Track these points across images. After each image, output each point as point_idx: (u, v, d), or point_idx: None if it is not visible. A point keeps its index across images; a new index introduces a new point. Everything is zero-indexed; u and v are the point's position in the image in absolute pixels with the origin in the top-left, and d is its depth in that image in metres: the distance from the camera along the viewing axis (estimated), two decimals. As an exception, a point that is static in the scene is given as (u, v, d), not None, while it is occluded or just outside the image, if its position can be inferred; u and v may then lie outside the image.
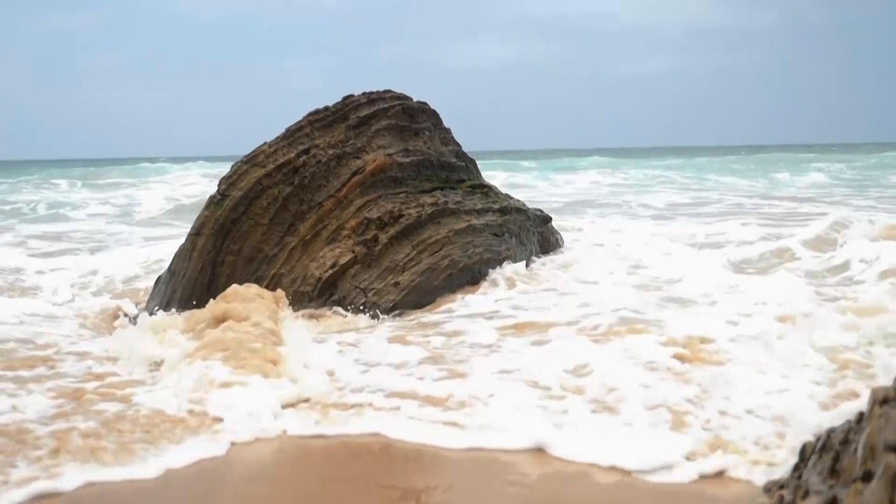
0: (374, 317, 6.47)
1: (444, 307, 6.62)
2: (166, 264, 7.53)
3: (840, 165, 34.29)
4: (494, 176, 28.66)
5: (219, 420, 4.10)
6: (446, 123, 8.46)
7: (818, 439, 2.40)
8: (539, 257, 8.24)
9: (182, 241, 7.32)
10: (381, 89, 8.18)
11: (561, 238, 9.19)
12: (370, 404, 4.29)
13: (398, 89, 8.17)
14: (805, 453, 2.57)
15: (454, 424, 3.94)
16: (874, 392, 2.21)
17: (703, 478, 3.24)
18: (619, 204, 18.03)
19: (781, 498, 2.53)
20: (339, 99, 7.82)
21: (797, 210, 14.66)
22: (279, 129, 7.58)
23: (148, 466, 3.56)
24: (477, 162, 8.76)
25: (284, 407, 4.32)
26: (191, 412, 4.20)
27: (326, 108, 7.72)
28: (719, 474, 3.26)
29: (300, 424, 4.12)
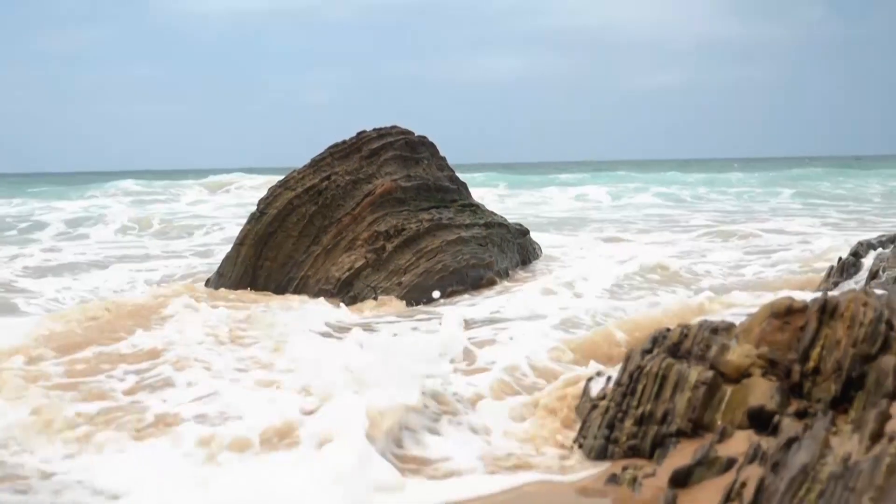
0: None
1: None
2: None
3: (841, 179, 35.84)
4: (497, 188, 30.51)
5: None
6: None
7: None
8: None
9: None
10: (388, 125, 9.97)
11: (540, 249, 10.93)
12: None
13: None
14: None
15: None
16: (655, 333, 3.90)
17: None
18: (608, 221, 19.69)
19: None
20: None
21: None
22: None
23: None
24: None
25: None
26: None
27: (344, 142, 9.51)
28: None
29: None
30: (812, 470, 2.08)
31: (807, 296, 3.54)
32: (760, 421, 2.79)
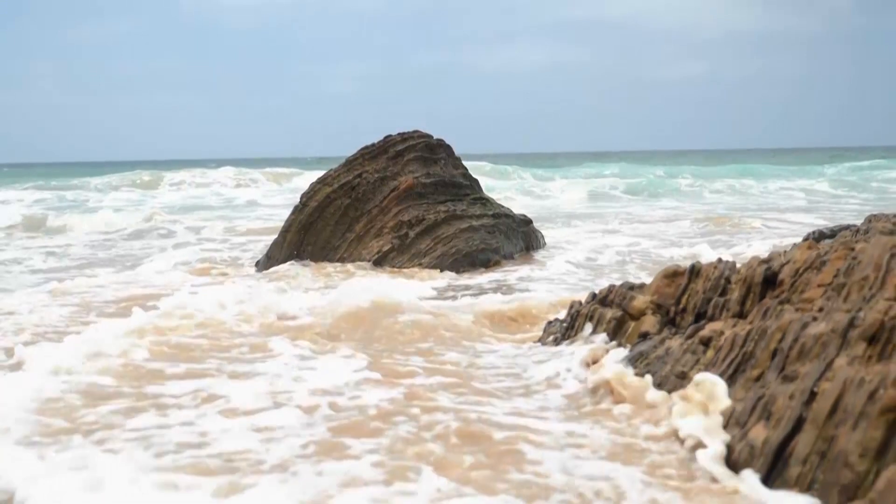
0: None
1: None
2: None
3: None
4: (517, 181, 32.00)
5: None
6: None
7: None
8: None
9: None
10: (411, 130, 11.62)
11: (542, 237, 12.53)
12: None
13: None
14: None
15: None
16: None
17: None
18: (621, 213, 21.19)
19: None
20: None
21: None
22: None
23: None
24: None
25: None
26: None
27: (373, 145, 11.18)
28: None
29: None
30: (647, 353, 3.67)
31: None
32: (645, 340, 4.39)
